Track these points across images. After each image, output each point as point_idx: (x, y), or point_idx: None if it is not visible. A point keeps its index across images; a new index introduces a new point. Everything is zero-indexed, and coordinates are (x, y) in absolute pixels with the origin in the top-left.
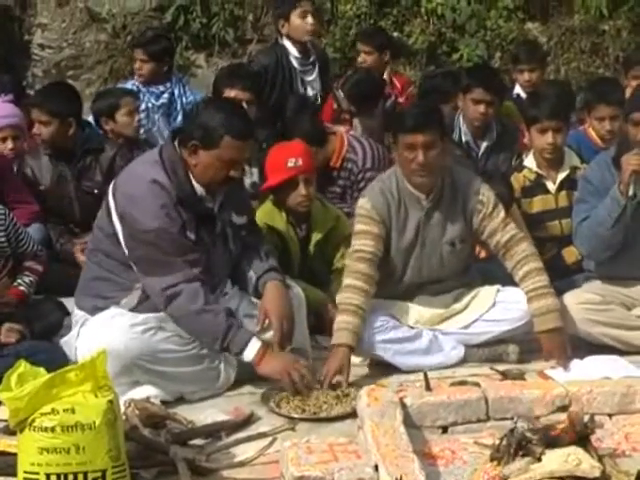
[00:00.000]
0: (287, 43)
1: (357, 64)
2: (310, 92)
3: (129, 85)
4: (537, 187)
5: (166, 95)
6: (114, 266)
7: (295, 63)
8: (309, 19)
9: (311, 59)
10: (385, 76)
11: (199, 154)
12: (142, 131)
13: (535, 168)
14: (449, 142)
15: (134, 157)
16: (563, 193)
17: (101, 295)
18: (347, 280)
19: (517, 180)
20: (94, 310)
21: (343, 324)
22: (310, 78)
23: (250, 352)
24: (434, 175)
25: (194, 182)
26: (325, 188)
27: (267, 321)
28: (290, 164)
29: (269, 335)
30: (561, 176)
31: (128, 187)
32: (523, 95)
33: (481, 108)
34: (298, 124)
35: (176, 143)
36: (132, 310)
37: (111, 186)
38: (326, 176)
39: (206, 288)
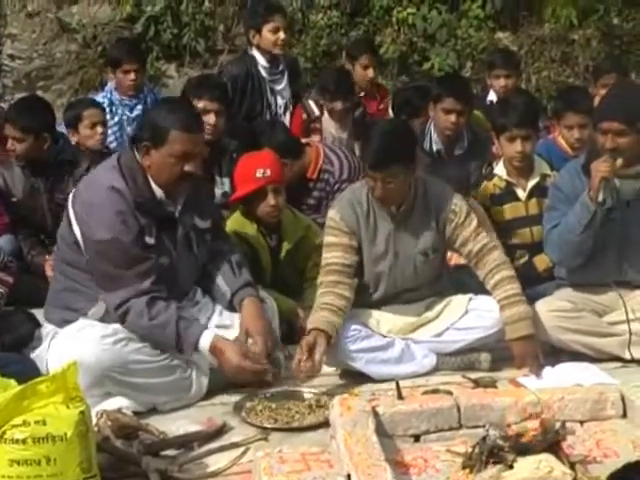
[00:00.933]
0: (256, 53)
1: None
2: (280, 101)
3: (100, 97)
4: (507, 195)
5: (140, 106)
6: (77, 274)
7: (264, 72)
8: (281, 34)
9: (280, 68)
10: (369, 87)
11: (151, 154)
12: (115, 144)
13: (505, 176)
14: (420, 152)
15: None
16: (533, 201)
17: (69, 307)
18: (319, 290)
19: (487, 188)
20: (62, 323)
21: (318, 317)
22: (279, 87)
23: (204, 344)
24: (398, 199)
25: (153, 186)
26: (300, 199)
27: (249, 340)
28: (259, 174)
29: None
30: (531, 184)
31: (86, 195)
32: None
33: (452, 117)
34: (272, 137)
35: (135, 149)
36: (100, 320)
37: (71, 194)
38: (302, 187)
39: (155, 300)
